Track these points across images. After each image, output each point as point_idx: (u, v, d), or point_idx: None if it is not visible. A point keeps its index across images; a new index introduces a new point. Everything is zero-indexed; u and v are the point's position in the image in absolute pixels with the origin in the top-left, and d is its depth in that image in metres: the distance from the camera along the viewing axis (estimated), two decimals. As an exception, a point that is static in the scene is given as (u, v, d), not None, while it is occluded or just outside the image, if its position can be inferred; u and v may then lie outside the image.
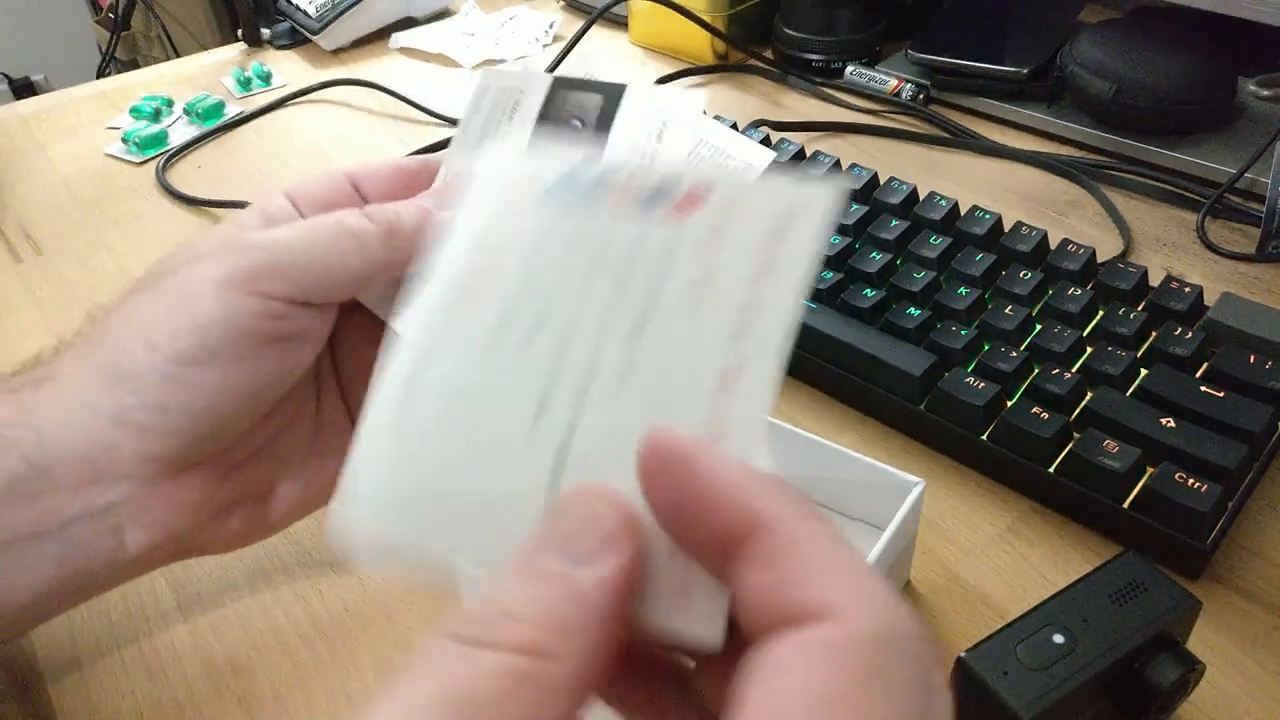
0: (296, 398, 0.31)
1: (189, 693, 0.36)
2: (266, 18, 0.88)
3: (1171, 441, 0.40)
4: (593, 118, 0.30)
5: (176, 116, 0.76)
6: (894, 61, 0.75)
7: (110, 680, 0.37)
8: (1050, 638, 0.30)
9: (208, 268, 0.27)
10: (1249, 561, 0.39)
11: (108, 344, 0.27)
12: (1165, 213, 0.60)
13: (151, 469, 0.26)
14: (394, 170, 0.31)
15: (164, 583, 0.40)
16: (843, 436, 0.46)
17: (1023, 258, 0.50)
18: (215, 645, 0.38)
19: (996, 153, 0.66)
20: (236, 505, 0.30)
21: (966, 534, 0.41)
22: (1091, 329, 0.46)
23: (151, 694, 0.36)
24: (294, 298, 0.27)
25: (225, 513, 0.29)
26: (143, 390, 0.26)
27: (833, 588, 0.15)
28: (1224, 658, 0.36)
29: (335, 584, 0.40)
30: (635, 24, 0.84)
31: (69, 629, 0.39)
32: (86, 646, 0.38)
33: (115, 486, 0.26)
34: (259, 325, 0.26)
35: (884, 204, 0.54)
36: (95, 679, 0.37)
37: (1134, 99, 0.62)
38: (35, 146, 0.75)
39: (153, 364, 0.26)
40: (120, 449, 0.26)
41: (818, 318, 0.48)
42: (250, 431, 0.29)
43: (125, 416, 0.26)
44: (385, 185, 0.31)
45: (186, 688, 0.37)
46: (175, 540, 0.28)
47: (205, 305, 0.26)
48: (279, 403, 0.29)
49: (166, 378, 0.25)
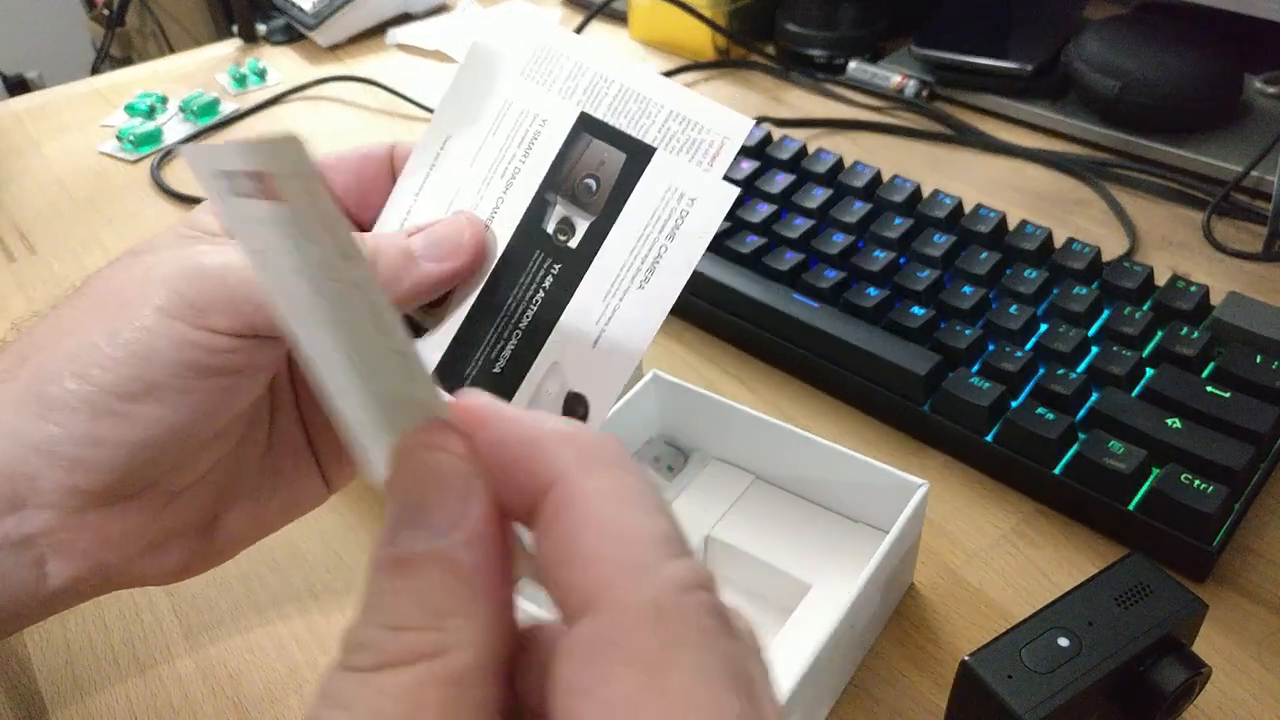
0: (244, 420, 0.28)
1: (184, 698, 0.36)
2: (262, 14, 0.88)
3: (1177, 442, 0.39)
4: (609, 181, 0.26)
5: (171, 114, 0.75)
6: (897, 57, 0.75)
7: (105, 685, 0.37)
8: (1055, 641, 0.30)
9: (151, 293, 0.24)
10: (1255, 564, 0.39)
11: (35, 364, 0.24)
12: (1171, 211, 0.59)
13: (77, 500, 0.24)
14: (360, 159, 0.28)
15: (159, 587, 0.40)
16: (846, 437, 0.46)
17: (1027, 256, 0.50)
18: (211, 650, 0.38)
19: (1001, 150, 0.65)
20: (175, 536, 0.27)
21: (971, 536, 0.41)
22: (1097, 329, 0.46)
23: (147, 698, 0.36)
24: (243, 332, 0.24)
25: (161, 545, 0.27)
26: (71, 422, 0.23)
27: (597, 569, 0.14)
28: (1230, 661, 0.35)
29: (331, 589, 0.40)
30: (635, 20, 0.83)
31: (63, 634, 0.39)
32: (81, 651, 0.38)
33: (37, 515, 0.24)
34: (204, 359, 0.24)
35: (887, 202, 0.54)
36: (90, 684, 0.37)
37: (1139, 96, 0.62)
38: (29, 144, 0.74)
39: (84, 395, 0.23)
40: (43, 479, 0.24)
41: (821, 317, 0.47)
42: (190, 460, 0.26)
43: (50, 448, 0.23)
44: (352, 179, 0.28)
45: (182, 693, 0.36)
46: (104, 573, 0.25)
47: (146, 337, 0.24)
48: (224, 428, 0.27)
49: (98, 410, 0.23)
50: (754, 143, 0.59)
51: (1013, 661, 0.30)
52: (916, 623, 0.37)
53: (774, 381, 0.49)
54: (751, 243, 0.52)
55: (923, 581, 0.39)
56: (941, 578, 0.39)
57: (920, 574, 0.39)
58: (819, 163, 0.57)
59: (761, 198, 0.55)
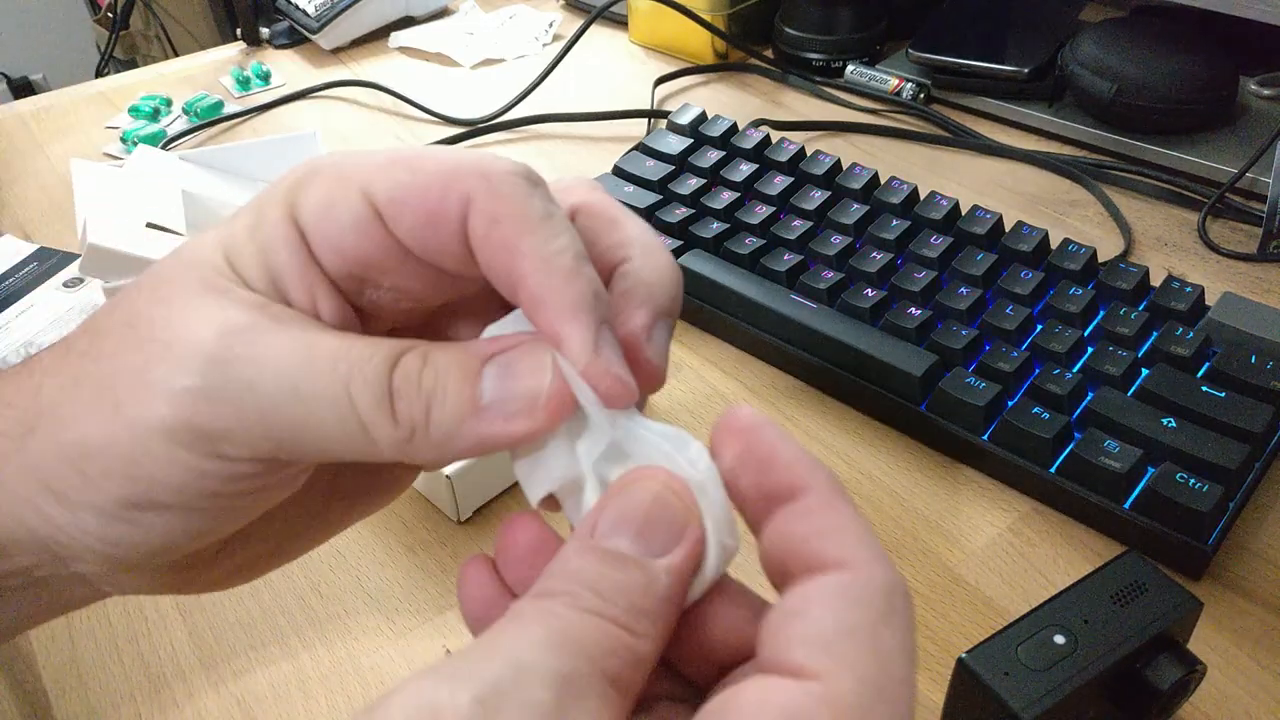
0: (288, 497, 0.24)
1: (189, 695, 0.36)
2: (266, 17, 0.88)
3: (1172, 442, 0.40)
4: None
5: (175, 116, 0.76)
6: (894, 61, 0.75)
7: (109, 682, 0.37)
8: (1051, 639, 0.30)
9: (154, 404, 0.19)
10: (1250, 562, 0.39)
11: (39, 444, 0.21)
12: (1166, 212, 0.59)
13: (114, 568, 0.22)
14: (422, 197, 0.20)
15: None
16: (843, 437, 0.46)
17: (1024, 257, 0.50)
18: (215, 647, 0.38)
19: (997, 152, 0.66)
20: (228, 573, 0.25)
21: (967, 535, 0.41)
22: (1092, 329, 0.46)
23: (151, 696, 0.36)
24: (263, 458, 0.20)
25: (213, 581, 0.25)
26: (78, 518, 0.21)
27: (852, 545, 0.17)
28: (1225, 658, 0.36)
29: (335, 586, 0.40)
30: (635, 23, 0.83)
31: (68, 632, 0.39)
32: (86, 649, 0.38)
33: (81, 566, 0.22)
34: (216, 488, 0.20)
35: (884, 203, 0.54)
36: (94, 681, 0.37)
37: (1135, 98, 0.62)
38: (34, 146, 0.75)
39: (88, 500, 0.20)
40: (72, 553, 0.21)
41: (818, 317, 0.48)
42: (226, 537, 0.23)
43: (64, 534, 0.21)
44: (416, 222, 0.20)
45: (186, 689, 0.37)
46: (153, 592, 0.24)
47: (147, 464, 0.20)
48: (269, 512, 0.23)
49: (105, 515, 0.20)
50: (753, 145, 0.60)
51: (1009, 659, 0.30)
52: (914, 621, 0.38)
53: (773, 381, 0.49)
54: (750, 244, 0.52)
55: (920, 580, 0.39)
56: (938, 576, 0.39)
57: (917, 572, 0.39)
58: (817, 165, 0.57)
59: (760, 199, 0.56)
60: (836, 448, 0.45)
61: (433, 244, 0.20)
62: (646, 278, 0.21)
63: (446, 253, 0.20)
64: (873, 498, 0.43)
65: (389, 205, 0.20)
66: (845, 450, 0.45)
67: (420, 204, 0.20)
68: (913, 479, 0.44)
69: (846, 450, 0.45)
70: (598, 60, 0.82)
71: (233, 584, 0.25)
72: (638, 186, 0.58)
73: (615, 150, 0.68)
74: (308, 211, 0.21)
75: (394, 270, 0.21)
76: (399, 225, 0.20)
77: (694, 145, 0.60)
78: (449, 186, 0.20)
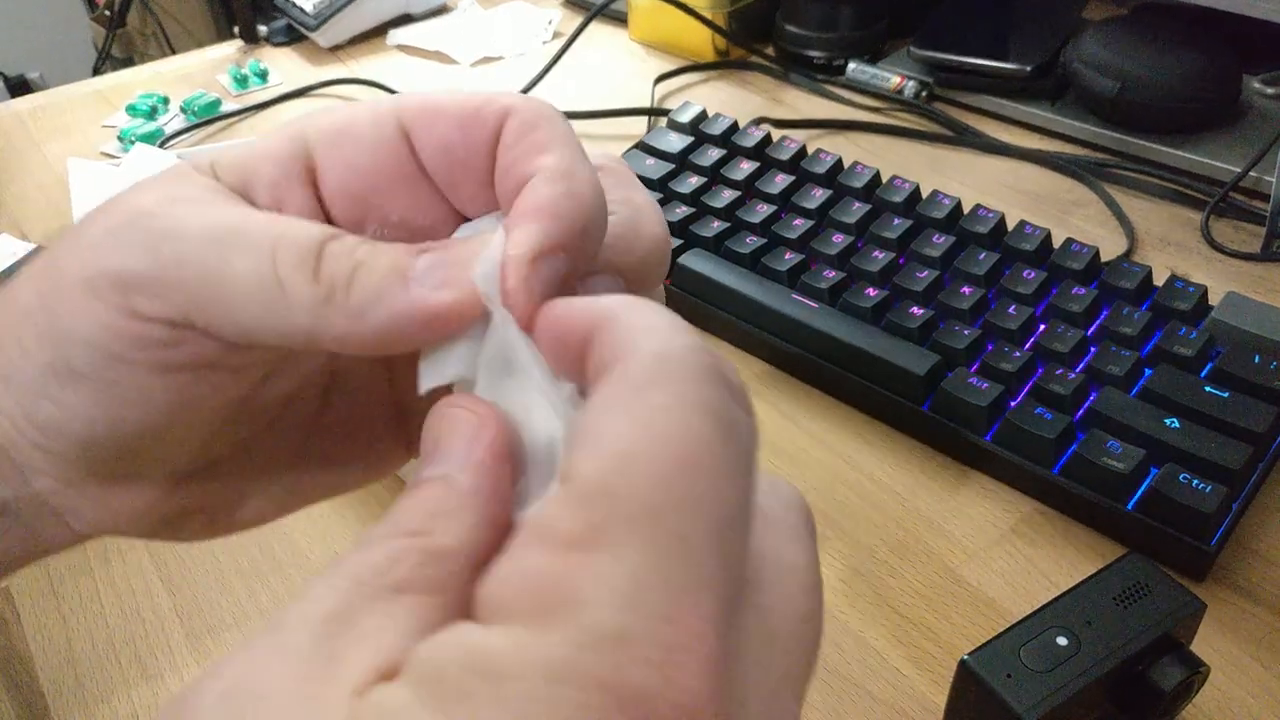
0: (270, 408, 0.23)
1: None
2: (263, 15, 0.88)
3: (1175, 442, 0.40)
4: None
5: (173, 114, 0.76)
6: (896, 58, 0.75)
7: (106, 685, 0.37)
8: (1054, 640, 0.30)
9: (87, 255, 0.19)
10: (1254, 563, 0.39)
11: None
12: (1169, 211, 0.59)
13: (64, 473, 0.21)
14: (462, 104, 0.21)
15: (159, 584, 0.40)
16: (845, 437, 0.46)
17: (1026, 257, 0.50)
18: (211, 647, 0.38)
19: (1000, 150, 0.65)
20: (192, 514, 0.24)
21: (969, 535, 0.41)
22: (1095, 329, 0.46)
23: (148, 697, 0.36)
24: (177, 322, 0.19)
25: (177, 523, 0.24)
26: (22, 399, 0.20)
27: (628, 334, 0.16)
28: (1228, 660, 0.35)
29: (333, 585, 0.40)
30: (635, 20, 0.83)
31: (65, 633, 0.39)
32: (83, 650, 0.38)
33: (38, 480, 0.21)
34: (126, 351, 0.19)
35: (886, 202, 0.54)
36: (92, 683, 0.37)
37: (1138, 96, 0.62)
38: (31, 145, 0.75)
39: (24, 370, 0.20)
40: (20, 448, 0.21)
41: (819, 317, 0.47)
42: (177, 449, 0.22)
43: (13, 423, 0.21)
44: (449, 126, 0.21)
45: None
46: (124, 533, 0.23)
47: (64, 317, 0.19)
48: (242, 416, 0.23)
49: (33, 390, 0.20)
50: (753, 144, 0.59)
51: (1012, 660, 0.30)
52: (915, 622, 0.38)
53: (774, 382, 0.49)
54: (751, 243, 0.52)
55: (922, 581, 0.39)
56: (940, 577, 0.39)
57: (919, 573, 0.39)
58: (818, 163, 0.57)
59: (761, 198, 0.55)
60: (838, 448, 0.45)
61: (459, 152, 0.20)
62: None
63: (469, 165, 0.21)
64: (874, 498, 0.43)
65: (421, 114, 0.21)
66: (847, 450, 0.45)
67: (458, 110, 0.20)
68: (915, 479, 0.43)
69: (848, 450, 0.45)
70: (597, 58, 0.82)
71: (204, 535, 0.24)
72: (638, 185, 0.58)
73: (615, 149, 0.68)
74: (320, 131, 0.21)
75: (403, 197, 0.21)
76: (429, 133, 0.20)
77: (694, 144, 0.60)
78: (490, 99, 0.20)
